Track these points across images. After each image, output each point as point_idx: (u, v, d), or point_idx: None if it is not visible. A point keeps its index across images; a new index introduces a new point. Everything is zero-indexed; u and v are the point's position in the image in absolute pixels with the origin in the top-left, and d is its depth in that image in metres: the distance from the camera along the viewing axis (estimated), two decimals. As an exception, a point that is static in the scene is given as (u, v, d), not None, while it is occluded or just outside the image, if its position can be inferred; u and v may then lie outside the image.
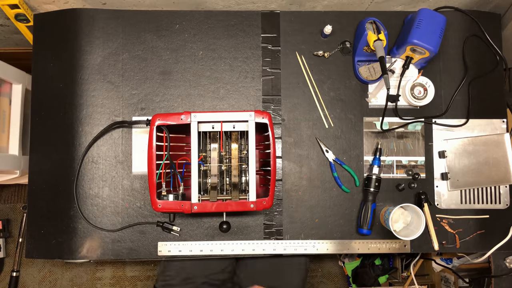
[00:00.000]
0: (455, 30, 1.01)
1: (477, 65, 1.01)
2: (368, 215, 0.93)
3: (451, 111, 0.99)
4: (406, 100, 0.98)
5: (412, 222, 0.93)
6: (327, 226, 0.96)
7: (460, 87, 0.99)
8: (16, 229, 1.74)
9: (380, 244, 0.96)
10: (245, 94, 0.99)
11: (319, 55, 0.99)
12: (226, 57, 0.99)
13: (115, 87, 0.97)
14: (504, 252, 1.01)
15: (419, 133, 0.99)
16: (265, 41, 1.00)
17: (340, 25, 1.00)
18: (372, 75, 0.98)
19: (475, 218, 0.97)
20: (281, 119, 0.98)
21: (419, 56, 0.95)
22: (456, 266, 1.27)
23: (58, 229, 0.94)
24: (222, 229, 0.90)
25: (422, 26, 0.90)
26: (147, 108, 0.97)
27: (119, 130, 0.96)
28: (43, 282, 1.73)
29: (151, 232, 0.95)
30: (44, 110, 0.97)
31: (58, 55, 0.97)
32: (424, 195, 0.95)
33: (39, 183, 0.95)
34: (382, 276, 1.45)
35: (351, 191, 0.97)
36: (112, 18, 0.98)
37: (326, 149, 0.97)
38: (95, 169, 0.95)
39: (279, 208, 0.96)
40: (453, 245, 0.97)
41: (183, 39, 0.99)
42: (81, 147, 0.95)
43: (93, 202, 0.94)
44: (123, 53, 0.98)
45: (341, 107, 0.99)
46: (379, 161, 0.96)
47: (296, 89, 0.99)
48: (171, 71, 0.98)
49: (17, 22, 1.01)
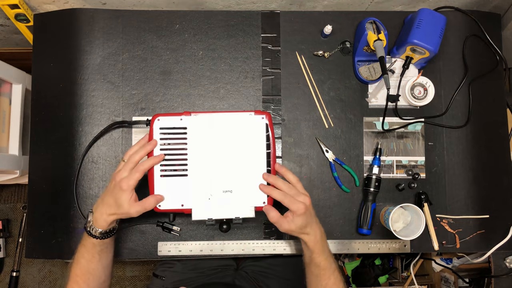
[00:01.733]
0: (455, 30, 1.01)
1: (477, 65, 1.01)
2: (368, 215, 0.93)
3: (451, 111, 0.99)
4: (406, 100, 0.98)
5: (412, 222, 0.93)
6: (327, 226, 0.96)
7: (460, 87, 0.99)
8: (16, 229, 1.74)
9: (380, 244, 0.97)
10: (245, 94, 0.99)
11: (319, 55, 0.99)
12: (226, 57, 0.99)
13: (115, 87, 0.97)
14: (504, 252, 1.01)
15: (419, 133, 0.99)
16: (265, 41, 1.00)
17: (340, 25, 1.00)
18: (372, 75, 0.98)
19: (475, 218, 0.97)
20: (281, 119, 0.98)
21: (419, 56, 0.95)
22: (456, 266, 1.27)
23: (58, 229, 0.94)
24: (222, 229, 0.90)
25: (422, 26, 0.90)
26: (147, 108, 0.97)
27: (119, 130, 0.96)
28: (43, 282, 1.73)
29: (151, 232, 0.95)
30: (44, 110, 0.97)
31: (58, 55, 0.97)
32: (424, 195, 0.95)
33: (39, 183, 0.95)
34: (382, 276, 1.45)
35: (351, 191, 0.97)
36: (112, 18, 0.98)
37: (326, 149, 0.97)
38: (95, 169, 0.95)
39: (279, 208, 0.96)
40: (453, 245, 0.97)
41: (183, 39, 0.99)
42: (81, 147, 0.95)
43: (93, 202, 0.94)
44: (123, 53, 0.98)
45: (341, 107, 0.99)
46: (379, 161, 0.96)
47: (296, 89, 0.99)
48: (171, 71, 0.98)
49: (17, 22, 1.01)
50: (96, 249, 0.76)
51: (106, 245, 0.78)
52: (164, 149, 0.82)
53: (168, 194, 0.81)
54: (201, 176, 0.81)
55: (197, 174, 0.81)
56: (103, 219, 0.74)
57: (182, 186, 0.81)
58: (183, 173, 0.81)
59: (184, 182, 0.81)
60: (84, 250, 0.77)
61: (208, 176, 0.82)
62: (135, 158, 0.75)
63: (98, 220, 0.75)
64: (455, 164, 0.98)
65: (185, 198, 0.81)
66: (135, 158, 0.75)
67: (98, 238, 0.75)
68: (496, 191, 0.99)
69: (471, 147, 0.99)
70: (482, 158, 0.99)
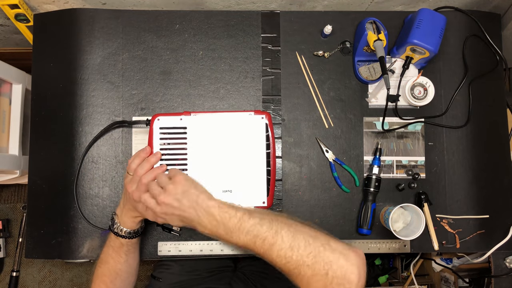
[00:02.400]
0: (455, 30, 1.01)
1: (477, 65, 1.01)
2: (368, 215, 0.93)
3: (451, 111, 0.99)
4: (406, 100, 0.98)
5: (412, 222, 0.93)
6: (327, 226, 0.96)
7: (460, 87, 0.99)
8: (16, 229, 1.74)
9: (380, 244, 0.97)
10: (245, 94, 0.99)
11: (319, 55, 0.99)
12: (226, 57, 0.99)
13: (115, 87, 0.97)
14: (504, 252, 1.01)
15: (419, 133, 0.99)
16: (265, 41, 1.00)
17: (340, 25, 1.00)
18: (372, 75, 0.98)
19: (475, 218, 0.97)
20: (281, 119, 0.98)
21: (419, 56, 0.95)
22: (456, 266, 1.27)
23: (58, 229, 0.94)
24: (222, 229, 0.90)
25: (422, 26, 0.90)
26: (147, 108, 0.97)
27: (119, 130, 0.96)
28: (43, 282, 1.73)
29: (151, 232, 0.95)
30: (44, 110, 0.97)
31: (58, 55, 0.97)
32: (424, 195, 0.95)
33: (39, 183, 0.95)
34: (382, 276, 1.45)
35: (351, 191, 0.97)
36: (112, 18, 0.98)
37: (326, 149, 0.97)
38: (95, 169, 0.95)
39: (279, 208, 0.96)
40: (453, 245, 0.97)
41: (183, 39, 0.99)
42: (81, 147, 0.95)
43: (93, 202, 0.94)
44: (123, 53, 0.98)
45: (341, 107, 0.99)
46: (379, 161, 0.96)
47: (296, 89, 0.99)
48: (171, 71, 0.98)
49: (17, 22, 1.01)
50: (123, 249, 0.79)
51: (133, 245, 0.81)
52: (164, 149, 0.82)
53: None
54: (201, 176, 0.81)
55: (196, 174, 0.81)
56: (131, 221, 0.77)
57: None
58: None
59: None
60: (112, 250, 0.79)
61: (208, 176, 0.82)
62: (140, 173, 0.76)
63: (126, 222, 0.77)
64: (455, 164, 0.98)
65: None
66: (141, 173, 0.76)
67: (126, 237, 0.78)
68: (496, 191, 0.99)
69: (471, 147, 0.99)
70: (482, 158, 0.99)
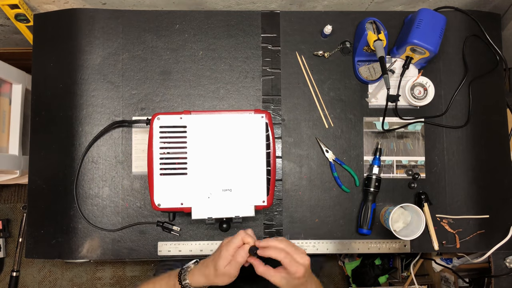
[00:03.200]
0: (455, 30, 1.01)
1: (477, 65, 1.01)
2: (368, 215, 0.93)
3: (451, 111, 0.99)
4: (406, 100, 0.98)
5: (412, 222, 0.93)
6: (327, 226, 0.96)
7: (460, 87, 0.99)
8: (16, 229, 1.74)
9: (380, 244, 0.96)
10: (245, 94, 0.99)
11: (319, 55, 0.99)
12: (226, 57, 0.99)
13: (115, 87, 0.97)
14: (504, 252, 1.01)
15: (419, 133, 0.99)
16: (265, 41, 1.00)
17: (340, 25, 1.00)
18: (372, 75, 0.98)
19: (475, 218, 0.97)
20: (281, 119, 0.98)
21: (419, 56, 0.95)
22: (456, 266, 1.27)
23: (58, 229, 0.94)
24: (222, 228, 0.90)
25: (422, 26, 0.90)
26: (147, 108, 0.97)
27: (119, 130, 0.96)
28: (43, 282, 1.73)
29: (151, 232, 0.95)
30: (44, 110, 0.97)
31: (58, 55, 0.97)
32: (424, 195, 0.95)
33: (39, 183, 0.95)
34: (382, 276, 1.45)
35: (351, 191, 0.97)
36: (112, 18, 0.98)
37: (326, 149, 0.97)
38: (95, 169, 0.95)
39: (279, 208, 0.96)
40: (453, 245, 0.97)
41: (183, 39, 0.99)
42: (81, 147, 0.95)
43: (93, 202, 0.94)
44: (123, 53, 0.98)
45: (341, 107, 0.99)
46: (379, 161, 0.96)
47: (296, 89, 0.99)
48: (171, 71, 0.98)
49: (17, 22, 1.01)
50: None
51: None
52: (164, 148, 0.82)
53: (168, 193, 0.81)
54: (201, 175, 0.81)
55: (196, 173, 0.82)
56: (202, 282, 0.74)
57: (181, 184, 0.81)
58: (182, 172, 0.81)
59: (184, 180, 0.81)
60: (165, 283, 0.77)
61: (208, 175, 0.82)
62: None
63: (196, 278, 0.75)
64: (455, 164, 0.98)
65: (185, 196, 0.81)
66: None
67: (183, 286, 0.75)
68: (496, 191, 0.99)
69: (471, 147, 0.99)
70: (482, 158, 0.99)
